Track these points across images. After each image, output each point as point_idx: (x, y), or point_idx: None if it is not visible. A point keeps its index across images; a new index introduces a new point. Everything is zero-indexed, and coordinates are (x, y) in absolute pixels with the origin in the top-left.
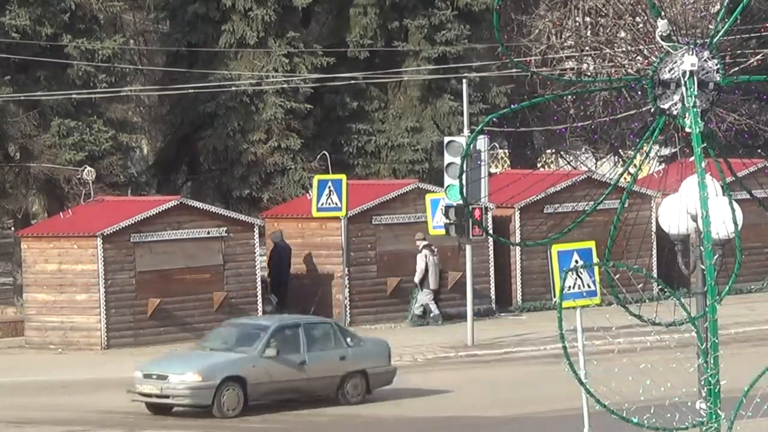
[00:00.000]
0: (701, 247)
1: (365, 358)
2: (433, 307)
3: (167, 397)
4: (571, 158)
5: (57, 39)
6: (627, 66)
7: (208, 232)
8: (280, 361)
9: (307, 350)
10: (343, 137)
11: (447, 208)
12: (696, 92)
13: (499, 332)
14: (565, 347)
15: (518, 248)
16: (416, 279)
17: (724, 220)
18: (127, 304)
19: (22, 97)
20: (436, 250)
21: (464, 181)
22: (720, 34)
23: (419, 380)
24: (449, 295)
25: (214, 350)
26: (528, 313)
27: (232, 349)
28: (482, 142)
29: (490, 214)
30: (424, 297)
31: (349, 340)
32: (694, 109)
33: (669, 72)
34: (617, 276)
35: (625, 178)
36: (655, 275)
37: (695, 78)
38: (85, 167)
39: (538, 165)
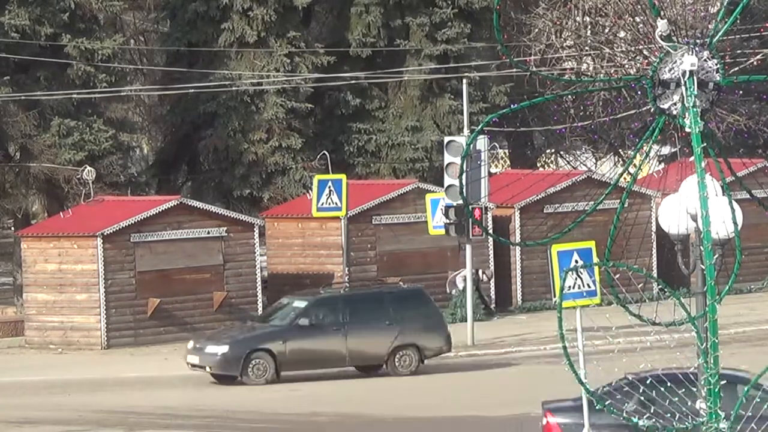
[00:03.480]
0: (701, 247)
1: None
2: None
3: None
4: (571, 158)
5: (56, 39)
6: (627, 66)
7: (208, 232)
8: None
9: None
10: (344, 136)
11: (447, 208)
12: (696, 92)
13: (499, 332)
14: (565, 347)
15: (518, 248)
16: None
17: (724, 220)
18: (127, 304)
19: (22, 97)
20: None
21: (464, 181)
22: (720, 34)
23: (419, 380)
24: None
25: None
26: (528, 313)
27: None
28: (482, 142)
29: (490, 214)
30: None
31: None
32: (694, 109)
33: (669, 72)
34: (617, 276)
35: (625, 178)
36: (655, 275)
37: (695, 78)
38: (85, 167)
39: (538, 165)
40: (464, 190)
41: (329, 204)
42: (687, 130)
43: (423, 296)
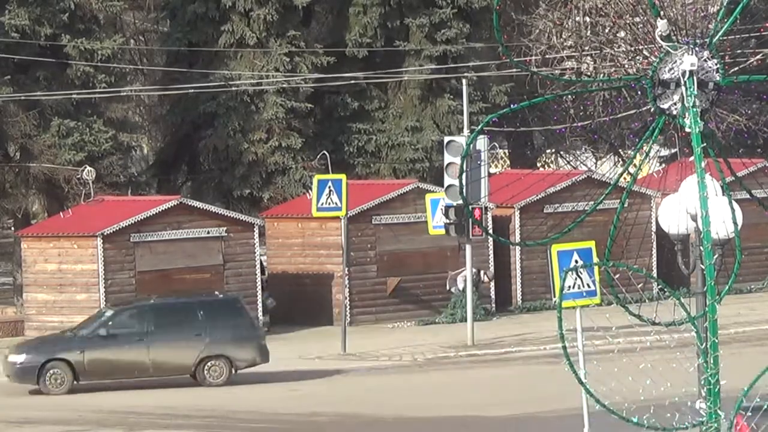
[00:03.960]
0: (701, 247)
1: None
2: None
3: None
4: (571, 158)
5: (56, 39)
6: (627, 66)
7: (208, 232)
8: None
9: None
10: (344, 136)
11: (447, 208)
12: (696, 92)
13: (499, 332)
14: (565, 347)
15: (518, 248)
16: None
17: (723, 220)
18: None
19: (22, 97)
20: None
21: (464, 181)
22: (720, 34)
23: (419, 380)
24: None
25: None
26: (528, 313)
27: None
28: (482, 142)
29: (490, 214)
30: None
31: None
32: (694, 109)
33: (669, 72)
34: (617, 276)
35: (625, 178)
36: (655, 275)
37: (695, 78)
38: (85, 167)
39: (538, 165)
40: (464, 190)
41: (329, 204)
42: (687, 130)
43: (237, 306)
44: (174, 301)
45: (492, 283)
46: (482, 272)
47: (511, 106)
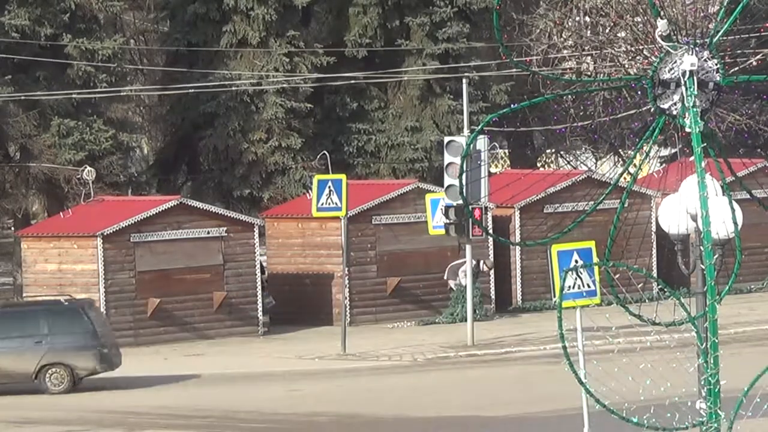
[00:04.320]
0: (701, 247)
1: None
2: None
3: None
4: (571, 158)
5: (57, 39)
6: (627, 66)
7: (208, 232)
8: None
9: None
10: (344, 137)
11: (447, 208)
12: (696, 92)
13: (499, 332)
14: (565, 347)
15: (518, 248)
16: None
17: (724, 220)
18: (127, 304)
19: (22, 97)
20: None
21: (464, 181)
22: (720, 34)
23: (419, 380)
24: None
25: None
26: (528, 313)
27: None
28: (482, 142)
29: (490, 214)
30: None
31: None
32: (694, 109)
33: (669, 72)
34: (617, 276)
35: (625, 178)
36: (655, 275)
37: (695, 78)
38: (85, 167)
39: (538, 165)
40: (464, 190)
41: (329, 204)
42: (687, 130)
43: (78, 314)
44: (16, 307)
45: (492, 272)
46: (482, 262)
47: (511, 106)
